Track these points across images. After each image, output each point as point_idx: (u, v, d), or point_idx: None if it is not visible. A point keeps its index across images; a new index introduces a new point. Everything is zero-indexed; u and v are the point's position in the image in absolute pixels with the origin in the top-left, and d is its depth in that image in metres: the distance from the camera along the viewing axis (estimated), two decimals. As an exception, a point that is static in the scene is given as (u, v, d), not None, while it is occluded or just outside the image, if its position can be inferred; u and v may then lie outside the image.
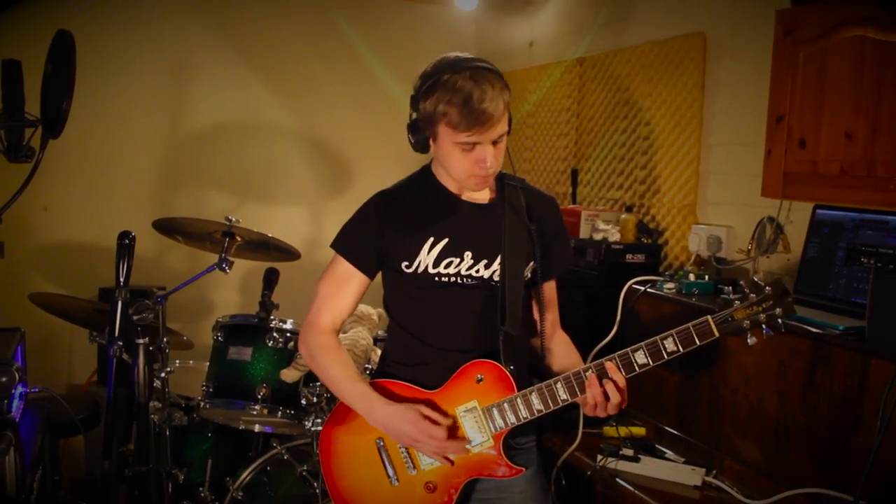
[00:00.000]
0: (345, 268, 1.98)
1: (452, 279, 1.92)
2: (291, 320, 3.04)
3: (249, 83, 4.40)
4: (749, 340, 1.75)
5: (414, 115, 1.89)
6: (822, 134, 2.36)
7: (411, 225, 1.95)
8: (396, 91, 4.34)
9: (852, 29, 2.25)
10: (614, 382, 1.80)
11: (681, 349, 1.75)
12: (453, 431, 1.87)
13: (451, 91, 1.76)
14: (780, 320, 1.73)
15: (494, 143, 1.82)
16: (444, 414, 1.88)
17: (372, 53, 4.59)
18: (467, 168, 1.84)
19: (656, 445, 2.62)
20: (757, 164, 2.64)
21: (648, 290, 2.80)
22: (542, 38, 4.38)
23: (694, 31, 3.20)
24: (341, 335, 3.04)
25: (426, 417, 1.84)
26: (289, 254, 3.10)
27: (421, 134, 1.88)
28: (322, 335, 1.99)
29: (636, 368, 1.79)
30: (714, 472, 2.42)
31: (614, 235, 3.23)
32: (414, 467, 1.93)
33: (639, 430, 2.70)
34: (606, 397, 1.80)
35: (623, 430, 2.66)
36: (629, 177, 3.60)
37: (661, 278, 2.84)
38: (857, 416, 2.06)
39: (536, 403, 1.83)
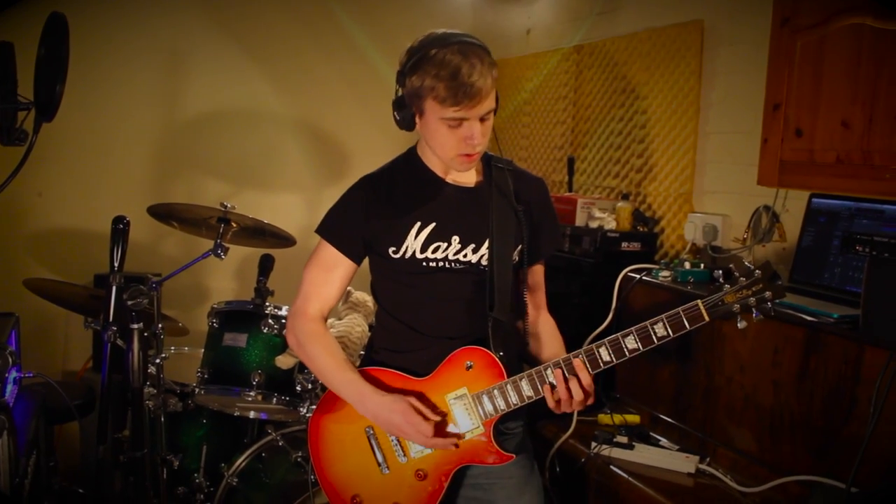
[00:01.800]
0: (331, 253, 1.97)
1: (440, 264, 1.91)
2: (287, 307, 3.03)
3: (246, 70, 4.37)
4: (739, 324, 1.75)
5: (400, 92, 1.86)
6: (818, 123, 2.36)
7: (397, 209, 1.93)
8: (392, 79, 4.31)
9: (849, 17, 2.25)
10: (580, 378, 1.79)
11: (671, 334, 1.75)
12: (442, 425, 1.87)
13: (438, 65, 1.73)
14: (769, 303, 1.73)
15: (482, 119, 1.80)
16: (434, 407, 1.87)
17: (368, 41, 4.56)
18: (454, 146, 1.82)
19: (651, 433, 2.63)
20: (753, 152, 2.63)
21: (644, 278, 2.80)
22: (539, 26, 4.37)
23: (692, 19, 3.19)
24: (336, 322, 3.05)
25: (416, 410, 1.83)
26: (284, 240, 3.10)
27: (407, 110, 1.85)
28: (309, 322, 1.98)
29: (626, 354, 1.78)
30: (708, 459, 2.43)
31: (610, 223, 3.22)
32: (404, 455, 1.93)
33: (633, 418, 2.71)
34: (583, 391, 1.80)
35: (617, 418, 2.67)
36: (626, 165, 3.60)
37: (657, 266, 2.85)
38: (851, 404, 2.06)
39: (526, 389, 1.83)
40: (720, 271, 1.80)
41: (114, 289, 2.57)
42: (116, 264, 2.57)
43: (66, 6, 2.16)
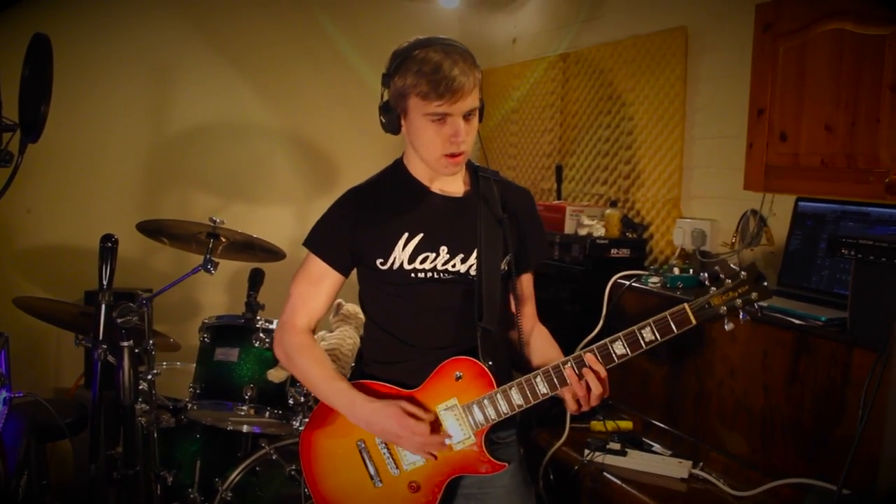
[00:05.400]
0: (318, 266, 1.97)
1: (428, 274, 1.91)
2: (277, 320, 3.03)
3: (233, 83, 4.38)
4: (726, 326, 1.76)
5: (385, 95, 1.88)
6: (802, 127, 2.37)
7: (385, 221, 1.93)
8: (378, 88, 4.33)
9: (831, 22, 2.27)
10: (595, 373, 1.80)
11: (658, 338, 1.75)
12: (436, 426, 1.87)
13: (420, 62, 1.76)
14: (756, 305, 1.74)
15: (466, 119, 1.82)
16: (426, 410, 1.87)
17: (356, 52, 4.57)
18: (439, 145, 1.82)
19: (643, 439, 2.63)
20: (739, 157, 2.65)
21: (633, 284, 2.81)
22: (525, 35, 4.38)
23: (676, 26, 3.21)
24: (327, 335, 3.05)
25: (409, 413, 1.83)
26: (274, 254, 3.10)
27: (392, 113, 1.87)
28: (297, 335, 1.98)
29: (615, 359, 1.79)
30: (701, 464, 2.43)
31: (599, 230, 3.23)
32: (396, 467, 1.92)
33: (626, 424, 2.72)
34: (588, 389, 1.81)
35: (610, 425, 2.67)
36: (613, 172, 3.61)
37: (646, 272, 2.86)
38: (841, 406, 2.08)
39: (516, 398, 1.83)
40: (706, 274, 1.80)
41: (102, 307, 2.56)
42: (105, 282, 2.56)
43: (50, 21, 2.17)
